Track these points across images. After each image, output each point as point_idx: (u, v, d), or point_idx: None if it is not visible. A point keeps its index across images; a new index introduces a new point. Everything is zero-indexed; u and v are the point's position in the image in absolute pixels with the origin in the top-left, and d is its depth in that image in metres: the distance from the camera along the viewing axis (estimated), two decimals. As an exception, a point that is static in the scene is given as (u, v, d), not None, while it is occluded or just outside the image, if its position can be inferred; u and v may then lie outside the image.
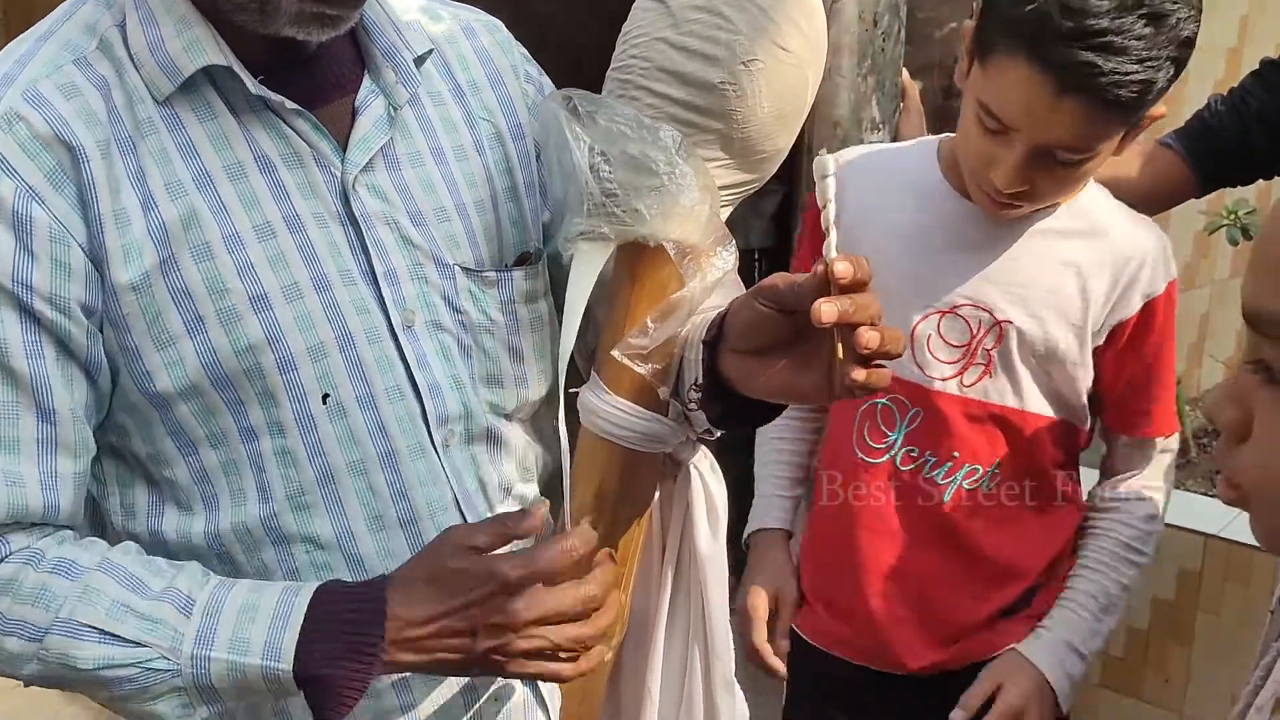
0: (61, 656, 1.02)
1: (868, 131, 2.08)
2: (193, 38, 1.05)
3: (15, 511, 1.03)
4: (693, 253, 1.10)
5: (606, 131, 1.09)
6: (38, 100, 1.02)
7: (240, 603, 1.04)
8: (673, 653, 1.27)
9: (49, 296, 1.01)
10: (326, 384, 1.08)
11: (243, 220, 1.06)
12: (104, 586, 1.03)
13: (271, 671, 1.01)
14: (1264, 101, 1.74)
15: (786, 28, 1.10)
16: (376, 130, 1.12)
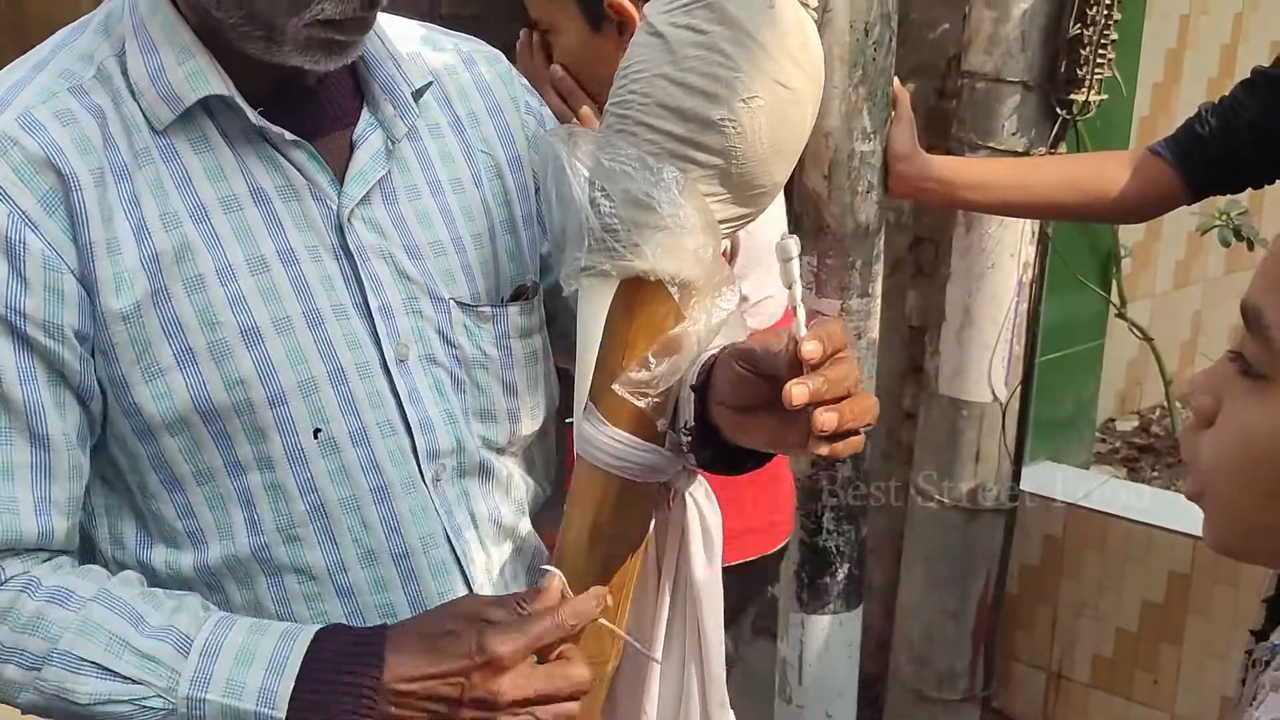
0: (59, 689, 1.02)
1: (859, 141, 2.08)
2: (195, 67, 1.05)
3: (9, 538, 1.03)
4: (697, 293, 1.10)
5: (609, 170, 1.09)
6: (32, 125, 1.02)
7: (238, 645, 1.03)
8: (669, 677, 1.27)
9: (42, 323, 1.02)
10: (318, 419, 1.08)
11: (236, 253, 1.06)
12: (103, 620, 1.03)
13: (264, 717, 1.01)
14: (1255, 112, 1.74)
15: (786, 65, 1.10)
16: (374, 164, 1.12)
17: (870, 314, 2.28)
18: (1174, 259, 3.33)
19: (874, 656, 2.97)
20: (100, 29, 1.09)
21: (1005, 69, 2.39)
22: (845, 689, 2.51)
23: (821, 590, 2.41)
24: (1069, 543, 2.77)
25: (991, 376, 2.62)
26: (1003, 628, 2.86)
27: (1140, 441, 3.21)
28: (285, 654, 1.03)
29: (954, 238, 2.60)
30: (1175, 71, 3.11)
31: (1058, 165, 2.05)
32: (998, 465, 2.68)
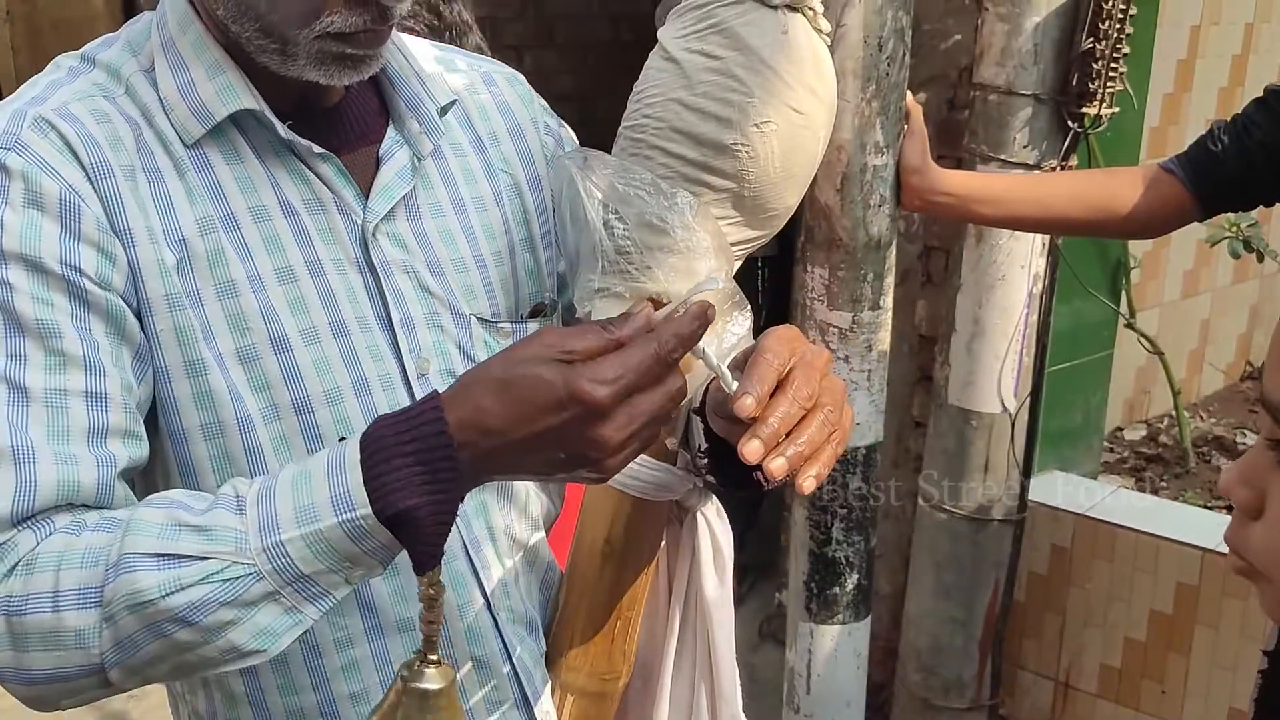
0: (126, 599, 0.90)
1: (871, 155, 2.09)
2: (225, 82, 1.07)
3: (66, 490, 0.96)
4: None
5: (623, 193, 1.10)
6: (69, 116, 1.04)
7: (292, 476, 0.93)
8: (679, 694, 1.28)
9: (96, 279, 1.01)
10: (343, 428, 1.09)
11: (265, 263, 1.07)
12: (148, 516, 0.93)
13: (352, 524, 0.89)
14: (1267, 131, 1.75)
15: (799, 90, 1.11)
16: (399, 179, 1.14)
17: (881, 326, 2.28)
18: (1183, 269, 3.33)
19: (881, 664, 2.97)
20: (126, 47, 1.11)
21: (1017, 82, 2.40)
22: (853, 698, 2.51)
23: (830, 601, 2.42)
24: (1077, 552, 2.77)
25: (1001, 387, 2.63)
26: (1010, 637, 2.86)
27: (1148, 451, 3.21)
28: (339, 456, 0.92)
29: (964, 249, 2.60)
30: (1186, 81, 3.12)
31: (1069, 181, 2.05)
32: (1006, 475, 2.68)
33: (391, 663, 1.14)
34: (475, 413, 0.89)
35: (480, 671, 1.18)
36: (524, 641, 1.22)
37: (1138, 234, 2.05)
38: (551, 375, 0.88)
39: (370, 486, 0.89)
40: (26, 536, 0.95)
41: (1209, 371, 3.53)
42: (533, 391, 0.88)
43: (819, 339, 2.26)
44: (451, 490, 0.90)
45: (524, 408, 0.88)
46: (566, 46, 4.62)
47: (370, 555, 0.91)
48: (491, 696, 1.19)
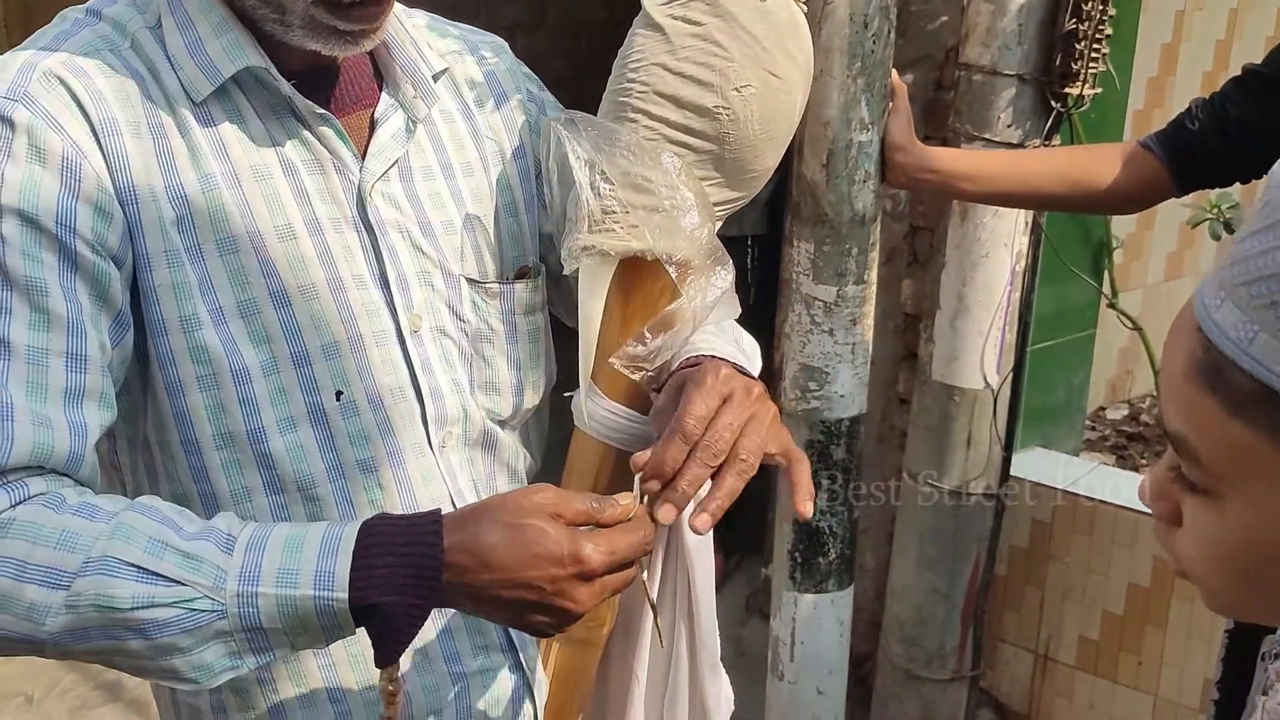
0: (97, 598, 0.93)
1: (857, 131, 2.13)
2: (232, 40, 1.10)
3: (40, 453, 0.98)
4: (693, 271, 1.15)
5: (609, 155, 1.14)
6: (78, 70, 1.06)
7: (284, 537, 0.98)
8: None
9: (90, 241, 1.03)
10: (339, 382, 1.13)
11: (265, 220, 1.10)
12: (139, 525, 0.96)
13: (325, 602, 0.95)
14: (1243, 109, 1.78)
15: (778, 55, 1.16)
16: (395, 142, 1.18)
17: (865, 300, 2.33)
18: (1165, 251, 3.37)
19: (865, 636, 3.02)
20: (131, 3, 1.13)
21: (1002, 62, 2.43)
22: (836, 666, 2.56)
23: (814, 569, 2.47)
24: (1057, 527, 2.82)
25: (984, 364, 2.67)
26: (991, 610, 2.91)
27: (1130, 430, 3.26)
28: (335, 536, 0.97)
29: (949, 227, 2.64)
30: (1170, 65, 3.15)
31: (1051, 158, 2.09)
32: (989, 451, 2.73)
33: None
34: (475, 544, 0.96)
35: (466, 616, 1.22)
36: None
37: (1117, 209, 2.09)
38: (557, 533, 0.97)
39: (354, 576, 0.95)
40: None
41: (1191, 353, 3.57)
42: (540, 541, 0.97)
43: (805, 312, 2.30)
44: (428, 600, 0.96)
45: (528, 552, 0.96)
46: (559, 28, 4.63)
47: (325, 632, 0.97)
48: (478, 641, 1.24)
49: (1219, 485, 0.72)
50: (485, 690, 1.25)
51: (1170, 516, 0.78)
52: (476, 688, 1.24)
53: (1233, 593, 0.77)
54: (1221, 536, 0.74)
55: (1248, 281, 0.67)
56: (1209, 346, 0.69)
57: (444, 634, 1.20)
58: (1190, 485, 0.74)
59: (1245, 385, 0.67)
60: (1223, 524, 0.73)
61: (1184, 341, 0.72)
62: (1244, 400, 0.68)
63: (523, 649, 1.27)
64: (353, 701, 1.18)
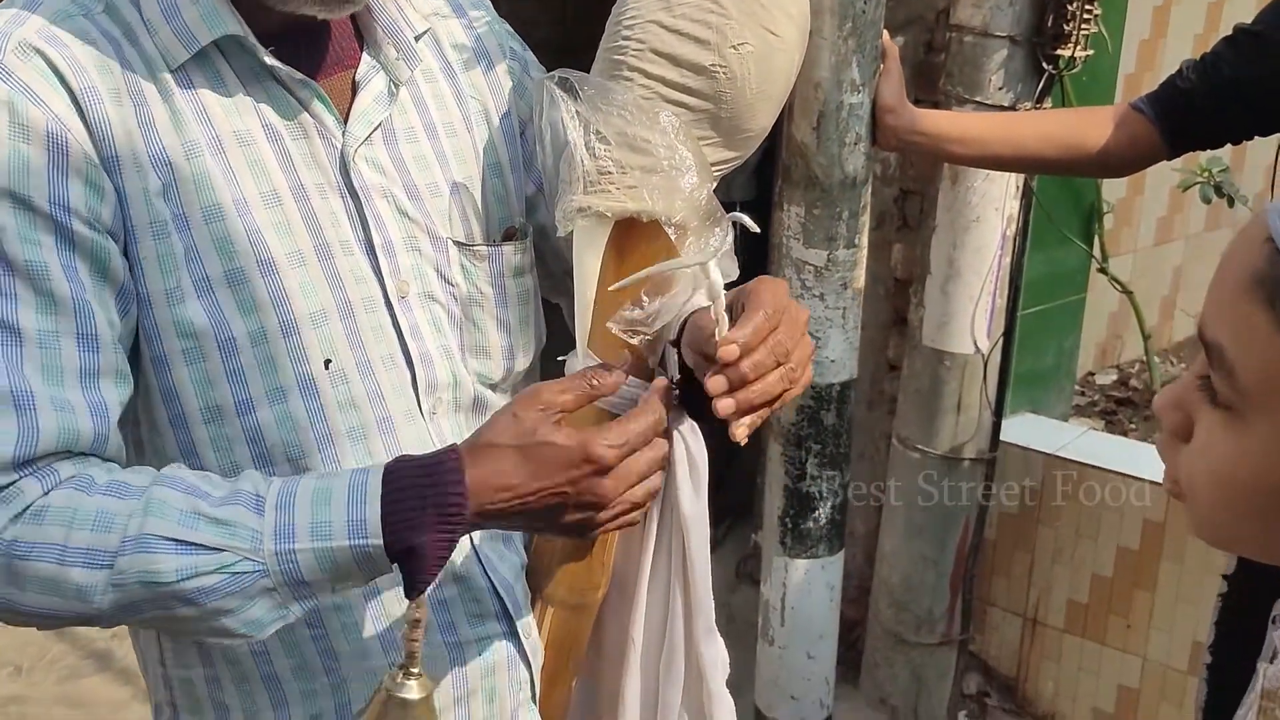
0: (141, 574, 0.97)
1: (848, 93, 2.11)
2: (210, 6, 1.07)
3: (66, 439, 1.00)
4: (691, 233, 1.14)
5: (605, 114, 1.13)
6: (53, 39, 1.03)
7: (311, 491, 1.01)
8: (655, 603, 1.32)
9: (86, 217, 1.02)
10: (327, 349, 1.11)
11: (250, 187, 1.08)
12: (169, 499, 0.99)
13: (361, 550, 0.99)
14: (1236, 68, 1.77)
15: (775, 13, 1.14)
16: (377, 105, 1.15)
17: (856, 264, 2.32)
18: (1156, 215, 3.38)
19: (855, 601, 3.03)
20: None
21: (993, 23, 2.42)
22: (826, 631, 2.57)
23: (804, 534, 2.47)
24: (1046, 492, 2.83)
25: (974, 329, 2.67)
26: (981, 574, 2.92)
27: (1119, 394, 3.27)
28: (362, 484, 1.00)
29: (939, 191, 2.63)
30: (1161, 27, 3.14)
31: (1042, 120, 2.08)
32: (979, 416, 2.73)
33: None
34: (494, 474, 1.01)
35: (460, 587, 1.21)
36: (503, 558, 1.25)
37: (1109, 172, 2.08)
38: (565, 440, 1.01)
39: (386, 522, 0.99)
40: (30, 483, 0.99)
41: (1181, 318, 3.58)
42: (552, 454, 1.01)
43: (795, 277, 2.29)
44: (456, 534, 1.01)
45: (542, 468, 1.01)
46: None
47: (364, 575, 1.02)
48: (472, 610, 1.23)
49: (1245, 404, 0.72)
50: (481, 658, 1.24)
51: (1180, 430, 0.77)
52: (472, 656, 1.23)
53: (1229, 522, 0.77)
54: (1234, 458, 0.73)
55: None
56: (1275, 260, 0.69)
57: (438, 605, 1.20)
58: (1213, 398, 0.73)
59: None
60: (1239, 445, 0.73)
61: (1248, 252, 0.71)
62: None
63: (518, 616, 1.26)
64: (347, 669, 1.17)
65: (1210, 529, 0.79)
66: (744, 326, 1.03)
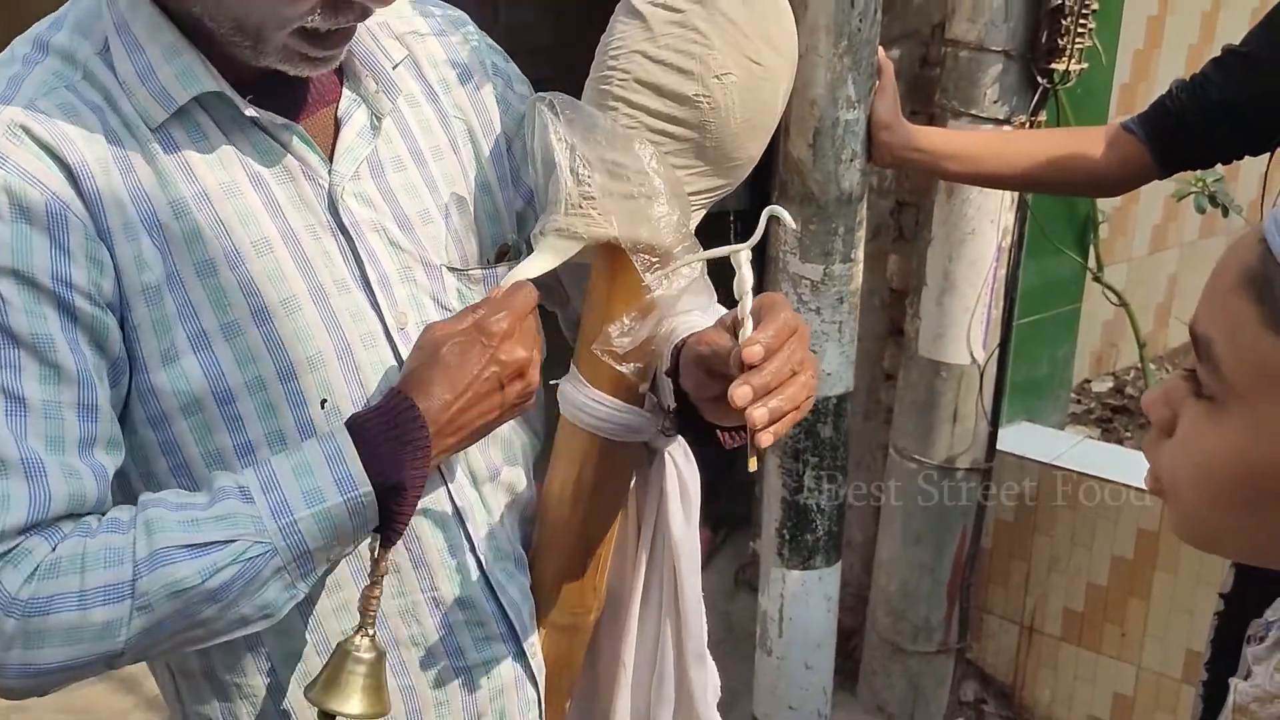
0: (166, 587, 1.01)
1: (843, 109, 2.13)
2: (183, 65, 1.06)
3: (74, 502, 1.04)
4: (661, 260, 1.15)
5: (588, 141, 1.14)
6: (39, 116, 1.04)
7: (289, 467, 1.06)
8: (646, 628, 1.33)
9: (88, 292, 1.04)
10: (324, 390, 1.12)
11: (241, 237, 1.09)
12: (161, 516, 1.03)
13: (355, 501, 1.05)
14: (1224, 89, 1.79)
15: (759, 42, 1.15)
16: (360, 140, 1.15)
17: (852, 278, 2.33)
18: (1151, 224, 3.39)
19: (852, 610, 3.04)
20: (75, 29, 1.09)
21: (988, 38, 2.43)
22: (823, 641, 2.58)
23: (802, 545, 2.48)
24: (1042, 501, 2.84)
25: (970, 340, 2.68)
26: (977, 582, 2.93)
27: (1115, 402, 3.28)
28: (334, 447, 1.07)
29: (935, 204, 2.64)
30: (1156, 38, 3.15)
31: (1036, 140, 2.09)
32: (975, 425, 2.74)
33: None
34: (435, 393, 1.08)
35: (466, 612, 1.22)
36: (512, 578, 1.26)
37: (1101, 191, 2.09)
38: (460, 332, 1.10)
39: (369, 470, 1.05)
40: (37, 542, 1.02)
41: (1176, 325, 3.59)
42: (460, 349, 1.09)
43: (791, 291, 2.31)
44: (426, 464, 1.07)
45: (460, 363, 1.08)
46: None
47: (357, 532, 1.07)
48: (478, 634, 1.23)
49: (1230, 397, 0.73)
50: (489, 680, 1.25)
51: (1166, 426, 0.79)
52: (480, 678, 1.24)
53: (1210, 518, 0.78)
54: (1215, 449, 0.75)
55: None
56: (1267, 259, 0.71)
57: (446, 631, 1.21)
58: (1198, 390, 0.75)
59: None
60: (1220, 436, 0.74)
61: (1243, 251, 0.73)
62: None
63: (524, 636, 1.27)
64: None
65: (1191, 525, 0.80)
66: (765, 330, 1.04)
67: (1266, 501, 0.74)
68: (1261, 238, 0.72)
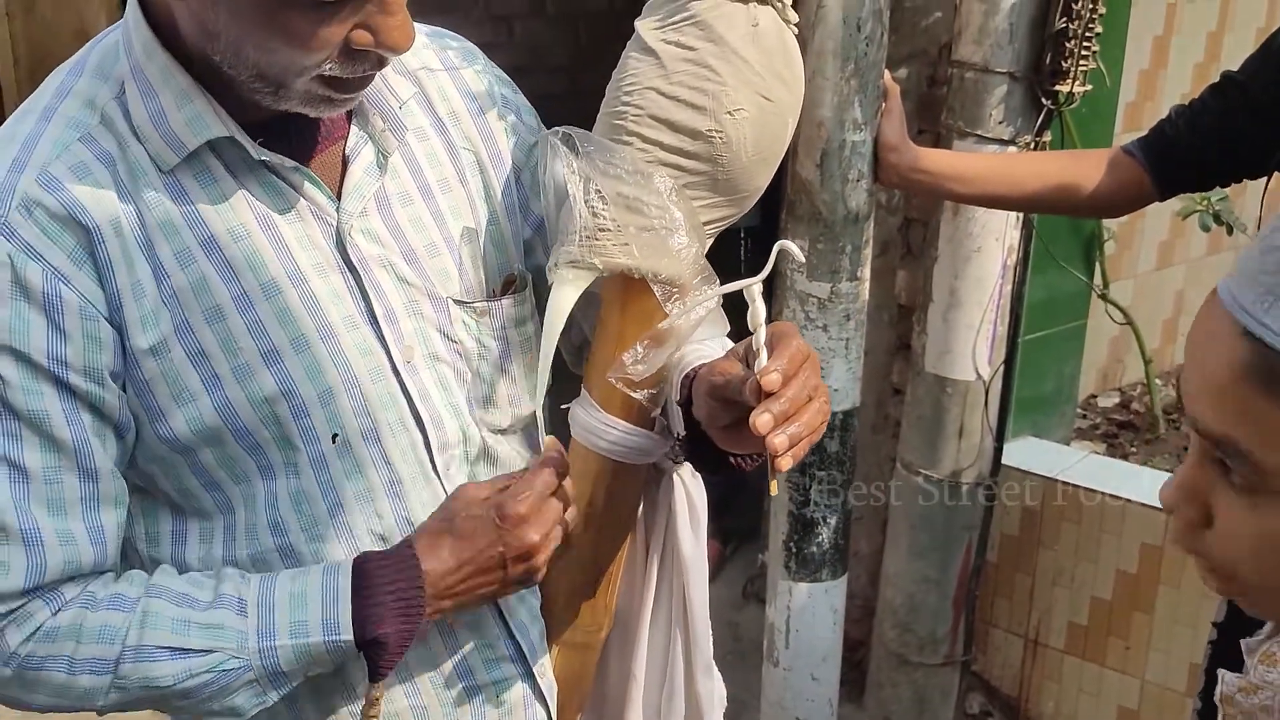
0: (142, 680, 1.11)
1: (850, 131, 2.16)
2: (194, 112, 1.09)
3: (70, 568, 1.11)
4: (680, 290, 1.19)
5: (604, 175, 1.18)
6: (52, 184, 1.07)
7: (288, 592, 1.13)
8: (656, 642, 1.37)
9: (83, 369, 1.08)
10: (335, 424, 1.15)
11: (249, 280, 1.12)
12: (160, 609, 1.12)
13: (334, 644, 1.12)
14: (1218, 116, 1.82)
15: (769, 78, 1.19)
16: (368, 177, 1.17)
17: (859, 297, 2.37)
18: (1157, 240, 3.41)
19: (859, 622, 3.07)
20: (96, 73, 1.12)
21: (993, 60, 2.46)
22: (830, 653, 2.61)
23: (808, 558, 2.52)
24: (1047, 515, 2.86)
25: (975, 356, 2.71)
26: (983, 596, 2.95)
27: (1120, 418, 3.30)
28: (334, 586, 1.13)
29: (941, 221, 2.67)
30: (1162, 58, 3.18)
31: (1039, 162, 2.13)
32: (980, 441, 2.77)
33: None
34: (441, 559, 1.14)
35: (475, 634, 1.26)
36: (522, 600, 1.29)
37: (1102, 213, 2.13)
38: (480, 509, 1.15)
39: (355, 618, 1.12)
40: (38, 605, 1.11)
41: (1182, 341, 3.61)
42: (475, 523, 1.14)
43: (799, 309, 2.34)
44: (417, 623, 1.14)
45: (472, 536, 1.14)
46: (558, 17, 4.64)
47: (334, 664, 1.15)
48: (488, 655, 1.27)
49: (1270, 484, 0.72)
50: (499, 701, 1.28)
51: (1200, 520, 0.78)
52: (490, 699, 1.27)
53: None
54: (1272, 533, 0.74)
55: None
56: (1263, 349, 0.70)
57: (455, 653, 1.24)
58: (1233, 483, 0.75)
59: None
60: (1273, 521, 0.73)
61: (1224, 347, 0.72)
62: None
63: (533, 658, 1.30)
64: None
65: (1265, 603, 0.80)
66: (780, 359, 1.07)
67: None
68: (1244, 330, 0.71)
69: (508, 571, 1.15)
